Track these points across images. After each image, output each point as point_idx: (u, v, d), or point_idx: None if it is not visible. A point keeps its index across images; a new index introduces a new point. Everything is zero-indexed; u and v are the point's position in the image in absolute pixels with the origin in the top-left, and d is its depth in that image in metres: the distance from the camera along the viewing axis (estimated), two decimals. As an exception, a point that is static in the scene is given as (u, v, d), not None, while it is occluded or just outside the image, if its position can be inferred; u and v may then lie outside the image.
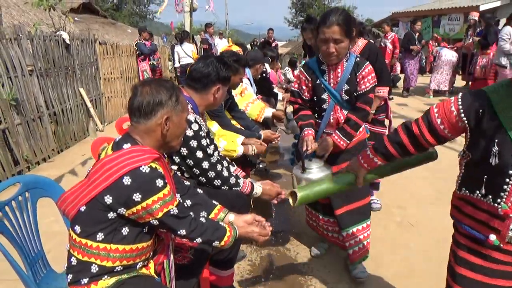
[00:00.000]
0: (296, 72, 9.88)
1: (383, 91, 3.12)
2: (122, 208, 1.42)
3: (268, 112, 3.88)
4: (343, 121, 2.39)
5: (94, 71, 7.23)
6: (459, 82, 10.86)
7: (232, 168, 2.51)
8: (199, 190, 1.94)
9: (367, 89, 2.34)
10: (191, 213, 1.60)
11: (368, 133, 2.72)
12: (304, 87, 2.45)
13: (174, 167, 2.18)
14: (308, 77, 2.42)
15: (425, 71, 11.10)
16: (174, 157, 2.16)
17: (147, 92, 1.50)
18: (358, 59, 2.35)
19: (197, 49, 10.30)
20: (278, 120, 4.04)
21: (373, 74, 2.36)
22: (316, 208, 2.74)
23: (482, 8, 13.21)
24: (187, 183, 1.93)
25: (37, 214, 1.81)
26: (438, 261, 2.78)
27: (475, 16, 9.65)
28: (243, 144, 2.91)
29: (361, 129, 2.48)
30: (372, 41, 3.61)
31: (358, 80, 2.33)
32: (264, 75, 5.20)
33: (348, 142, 2.38)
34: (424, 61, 9.97)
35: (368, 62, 2.37)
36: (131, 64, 9.04)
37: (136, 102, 1.50)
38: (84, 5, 17.16)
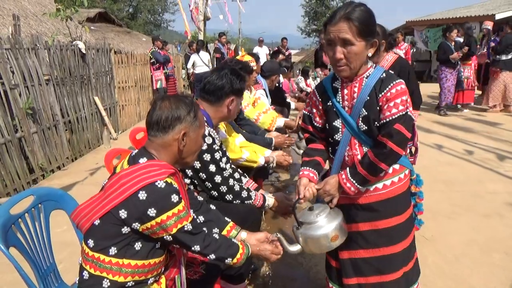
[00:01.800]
0: (308, 81, 9.87)
1: (414, 115, 1.97)
2: (137, 223, 1.41)
3: (280, 121, 3.86)
4: None
5: (109, 79, 7.32)
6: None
7: (244, 180, 2.49)
8: (212, 206, 1.93)
9: (393, 116, 1.63)
10: (205, 228, 1.59)
11: (413, 184, 2.37)
12: (314, 111, 1.88)
13: (187, 181, 2.17)
14: (319, 98, 1.84)
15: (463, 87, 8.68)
16: (186, 171, 2.15)
17: (166, 107, 1.51)
18: (384, 74, 1.70)
19: (210, 58, 10.38)
20: (290, 129, 4.02)
21: (405, 97, 1.66)
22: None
23: (498, 17, 13.03)
24: (200, 198, 1.92)
25: (50, 224, 1.81)
26: (455, 278, 2.73)
27: (488, 25, 9.52)
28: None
29: (396, 178, 1.79)
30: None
31: (380, 103, 1.67)
32: (277, 84, 5.21)
33: (358, 186, 1.70)
34: (462, 74, 8.29)
35: (399, 80, 1.68)
36: (145, 73, 9.14)
37: (155, 115, 1.51)
38: (100, 14, 17.53)
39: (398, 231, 1.81)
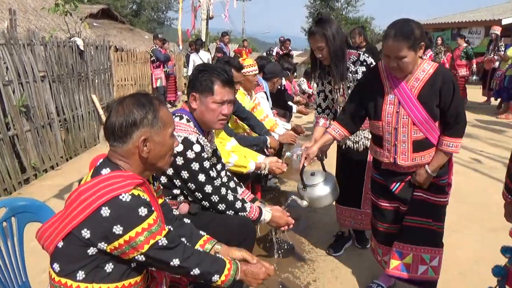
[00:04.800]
0: (311, 83, 9.69)
1: (456, 144, 2.06)
2: (103, 243, 1.26)
3: (280, 130, 3.69)
4: None
5: (108, 77, 7.18)
6: (479, 97, 10.54)
7: (239, 190, 2.34)
8: (187, 221, 1.76)
9: None
10: (183, 239, 1.45)
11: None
12: None
13: (177, 191, 2.02)
14: None
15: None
16: (175, 180, 2.00)
17: (119, 112, 1.34)
18: None
19: (211, 57, 10.23)
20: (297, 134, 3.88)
21: None
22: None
23: (504, 22, 12.87)
24: (175, 212, 1.76)
25: (27, 235, 1.66)
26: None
27: (497, 30, 9.34)
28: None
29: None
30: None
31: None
32: (279, 87, 5.06)
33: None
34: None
35: None
36: (145, 71, 9.00)
37: (109, 124, 1.35)
38: (103, 11, 17.41)
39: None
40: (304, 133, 4.34)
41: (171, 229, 1.47)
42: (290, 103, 5.64)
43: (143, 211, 1.28)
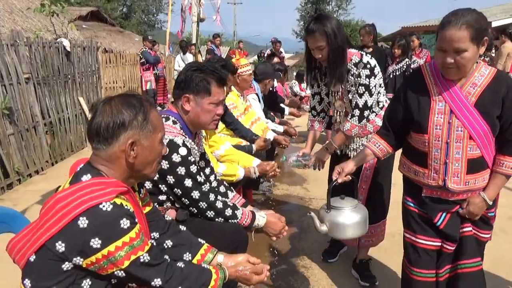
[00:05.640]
0: (303, 85, 9.63)
1: None
2: (78, 257, 1.15)
3: (270, 135, 3.58)
4: None
5: (96, 80, 7.01)
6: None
7: (230, 195, 2.22)
8: (182, 227, 1.66)
9: None
10: (167, 257, 1.33)
11: None
12: None
13: (163, 197, 1.90)
14: None
15: None
16: (160, 186, 1.88)
17: (106, 112, 1.23)
18: None
19: (202, 60, 10.12)
20: (279, 145, 3.73)
21: None
22: None
23: (494, 24, 12.94)
24: (168, 217, 1.65)
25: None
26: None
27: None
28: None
29: None
30: None
31: None
32: (271, 89, 4.97)
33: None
34: None
35: None
36: (135, 74, 8.85)
37: (93, 124, 1.24)
38: (92, 13, 17.22)
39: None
40: (296, 135, 4.24)
41: (154, 244, 1.37)
42: (282, 105, 5.56)
43: (125, 223, 1.17)
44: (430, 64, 1.79)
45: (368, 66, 2.28)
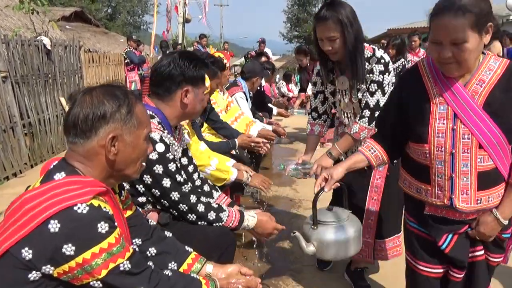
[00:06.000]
0: (291, 86, 9.56)
1: None
2: (48, 266, 1.01)
3: (254, 130, 3.42)
4: None
5: (78, 79, 6.81)
6: None
7: (215, 194, 2.07)
8: (168, 233, 1.53)
9: None
10: (151, 263, 1.20)
11: None
12: None
13: (142, 199, 1.75)
14: None
15: None
16: (137, 186, 1.72)
17: (86, 102, 1.11)
18: None
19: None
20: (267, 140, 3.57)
21: None
22: None
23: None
24: (152, 222, 1.51)
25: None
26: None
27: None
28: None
29: None
30: None
31: None
32: (259, 88, 4.87)
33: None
34: None
35: None
36: (119, 74, 8.65)
37: (71, 115, 1.11)
38: (76, 14, 16.92)
39: None
40: (285, 135, 4.13)
41: (137, 250, 1.24)
42: (270, 105, 5.46)
43: (103, 226, 1.04)
44: (428, 60, 1.51)
45: (382, 61, 2.04)
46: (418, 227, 1.61)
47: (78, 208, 1.02)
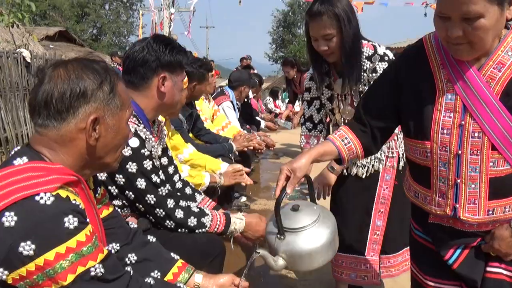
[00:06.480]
0: (278, 102, 9.53)
1: None
2: (1, 270, 0.83)
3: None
4: None
5: (59, 94, 6.63)
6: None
7: (198, 197, 1.89)
8: (151, 238, 1.34)
9: None
10: (129, 269, 1.02)
11: None
12: None
13: (118, 202, 1.55)
14: None
15: None
16: (110, 188, 1.51)
17: (61, 77, 0.94)
18: None
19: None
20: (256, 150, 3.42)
21: None
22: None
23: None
24: (132, 225, 1.33)
25: None
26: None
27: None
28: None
29: None
30: None
31: None
32: (246, 99, 4.77)
33: None
34: None
35: None
36: (103, 90, 8.52)
37: (41, 92, 0.93)
38: (60, 33, 16.80)
39: None
40: (274, 146, 4.02)
41: (112, 251, 1.05)
42: (258, 118, 5.37)
43: (71, 221, 0.87)
44: (436, 36, 1.21)
45: (386, 58, 1.81)
46: (425, 236, 1.37)
47: (41, 198, 0.85)
